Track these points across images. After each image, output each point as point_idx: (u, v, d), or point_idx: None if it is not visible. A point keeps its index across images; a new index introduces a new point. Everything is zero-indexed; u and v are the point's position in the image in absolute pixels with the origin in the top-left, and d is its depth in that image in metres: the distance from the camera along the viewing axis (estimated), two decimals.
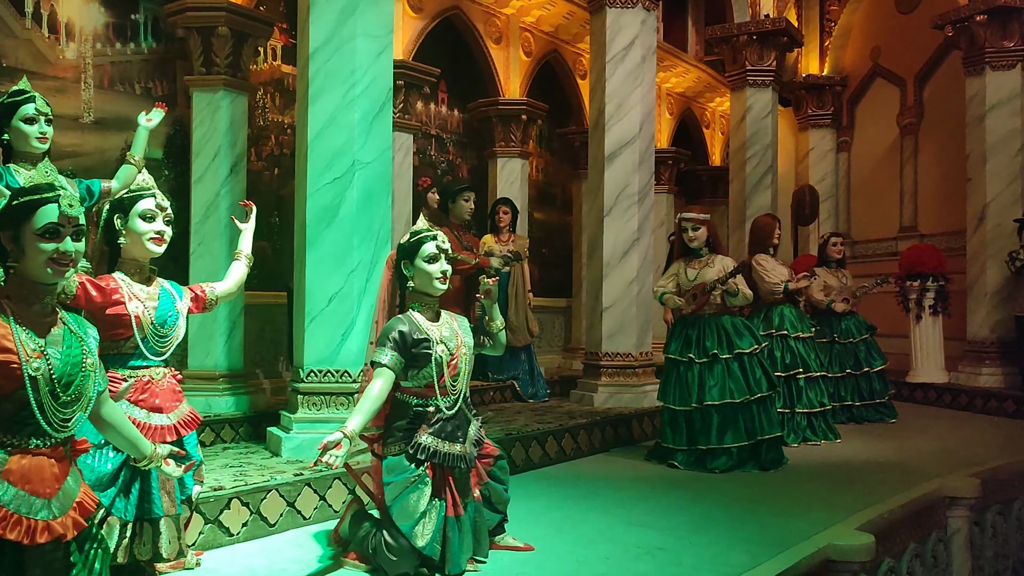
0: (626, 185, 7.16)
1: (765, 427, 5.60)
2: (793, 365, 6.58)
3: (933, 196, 10.73)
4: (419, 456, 3.38)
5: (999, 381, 8.81)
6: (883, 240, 11.39)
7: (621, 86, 7.18)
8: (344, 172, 4.67)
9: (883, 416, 7.78)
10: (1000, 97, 9.00)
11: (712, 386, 5.58)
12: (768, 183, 9.85)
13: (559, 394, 7.83)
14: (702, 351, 5.67)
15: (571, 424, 6.04)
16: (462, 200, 5.95)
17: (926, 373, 9.37)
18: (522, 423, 6.03)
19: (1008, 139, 8.97)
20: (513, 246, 7.62)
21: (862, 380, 7.83)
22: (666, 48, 10.10)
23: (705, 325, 5.76)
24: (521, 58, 8.49)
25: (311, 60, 4.72)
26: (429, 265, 3.47)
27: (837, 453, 6.27)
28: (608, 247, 7.17)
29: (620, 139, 7.17)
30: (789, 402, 6.55)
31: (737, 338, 5.69)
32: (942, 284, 9.23)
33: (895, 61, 11.35)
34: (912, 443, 6.80)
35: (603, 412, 6.68)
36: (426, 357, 3.41)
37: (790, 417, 6.55)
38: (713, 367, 5.63)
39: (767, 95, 9.87)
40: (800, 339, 6.68)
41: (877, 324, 11.36)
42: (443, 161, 8.05)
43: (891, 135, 11.39)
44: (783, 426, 6.52)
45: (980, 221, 9.10)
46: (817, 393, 6.65)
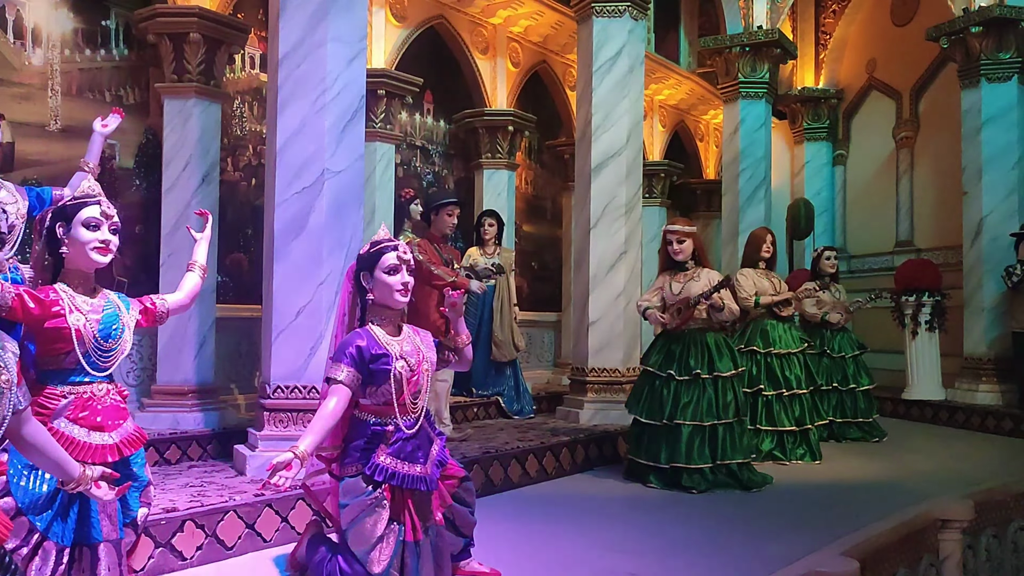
0: (613, 197, 7.02)
1: (728, 452, 5.44)
2: (757, 380, 6.43)
3: (930, 210, 10.58)
4: (376, 477, 3.21)
5: (997, 398, 8.63)
6: (879, 255, 11.24)
7: (608, 96, 7.05)
8: (313, 181, 4.54)
9: (866, 435, 7.60)
10: (996, 109, 8.87)
11: (687, 404, 5.43)
12: (761, 196, 9.71)
13: (546, 410, 7.67)
14: (684, 368, 5.51)
15: (553, 442, 5.87)
16: (445, 214, 5.81)
17: (922, 390, 9.20)
18: (503, 441, 5.86)
19: (1004, 152, 8.83)
20: (499, 259, 7.49)
21: (847, 397, 7.67)
22: (658, 60, 9.98)
23: (689, 341, 5.60)
24: (509, 69, 8.37)
25: (280, 66, 4.59)
26: (389, 277, 3.31)
27: (825, 473, 6.09)
28: (594, 261, 7.02)
29: (607, 150, 7.04)
30: (753, 418, 6.39)
31: (718, 358, 5.54)
32: (938, 299, 9.08)
33: (891, 74, 11.23)
34: (904, 463, 6.63)
35: (588, 429, 6.51)
36: (384, 374, 3.24)
37: (753, 434, 6.39)
38: (691, 386, 5.48)
39: (760, 107, 9.75)
40: (777, 354, 6.52)
41: (873, 340, 11.21)
42: (428, 172, 7.92)
43: (887, 148, 11.26)
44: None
45: (976, 235, 8.94)
46: (794, 411, 6.46)
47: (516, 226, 9.04)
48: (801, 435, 6.48)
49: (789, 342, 6.60)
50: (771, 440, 6.43)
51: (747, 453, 5.58)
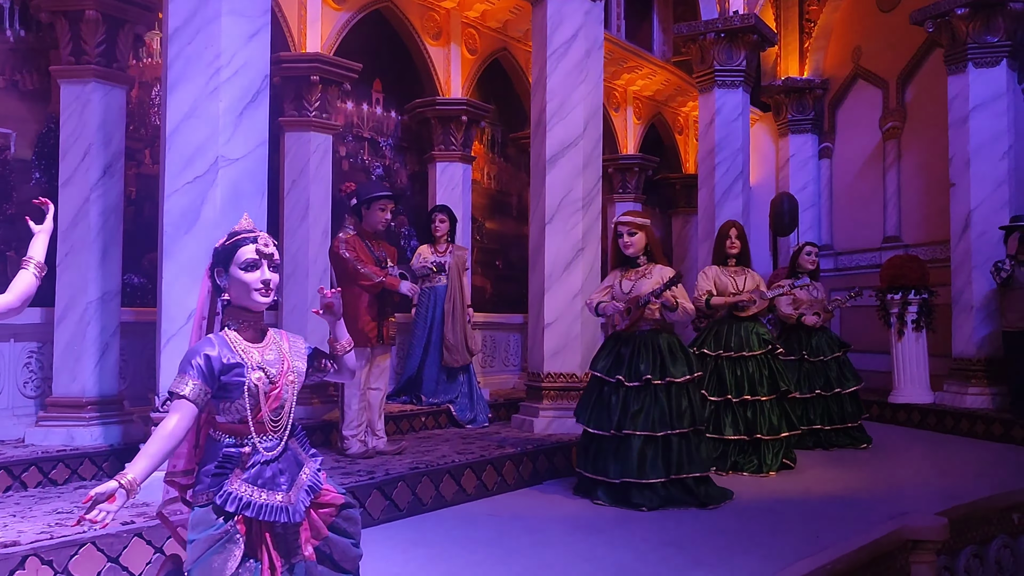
0: (569, 190, 6.55)
1: (685, 464, 4.97)
2: (721, 388, 5.95)
3: (917, 204, 10.09)
4: (228, 508, 2.74)
5: (987, 402, 8.13)
6: (867, 251, 10.75)
7: (563, 82, 6.58)
8: (206, 170, 4.08)
9: (854, 441, 7.12)
10: (984, 96, 8.38)
11: (637, 412, 4.96)
12: (739, 190, 9.23)
13: (505, 419, 7.19)
14: (633, 373, 5.05)
15: (496, 455, 5.40)
16: (377, 209, 5.35)
17: (909, 393, 8.72)
18: (441, 454, 5.40)
19: (993, 140, 8.33)
20: (450, 257, 7.03)
21: (832, 402, 7.17)
22: (629, 48, 9.51)
23: (640, 344, 5.13)
24: (464, 56, 7.89)
25: (170, 42, 4.14)
26: (246, 274, 2.83)
27: (794, 486, 5.61)
28: (550, 258, 6.56)
29: (563, 140, 6.57)
30: (718, 427, 5.91)
31: (671, 362, 5.07)
32: (925, 297, 8.60)
33: (877, 62, 10.74)
34: (884, 472, 6.15)
35: (542, 439, 6.05)
36: (237, 386, 2.78)
37: (719, 443, 5.92)
38: (641, 392, 5.00)
39: (737, 96, 9.27)
40: (739, 358, 6.03)
41: (859, 340, 10.74)
42: (378, 166, 7.45)
43: (874, 140, 10.77)
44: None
45: (964, 229, 8.45)
46: (762, 418, 5.98)
47: (478, 223, 8.57)
48: (773, 444, 6.00)
49: (753, 344, 6.12)
50: (738, 450, 5.94)
51: (706, 466, 5.11)
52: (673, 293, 5.09)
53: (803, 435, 7.07)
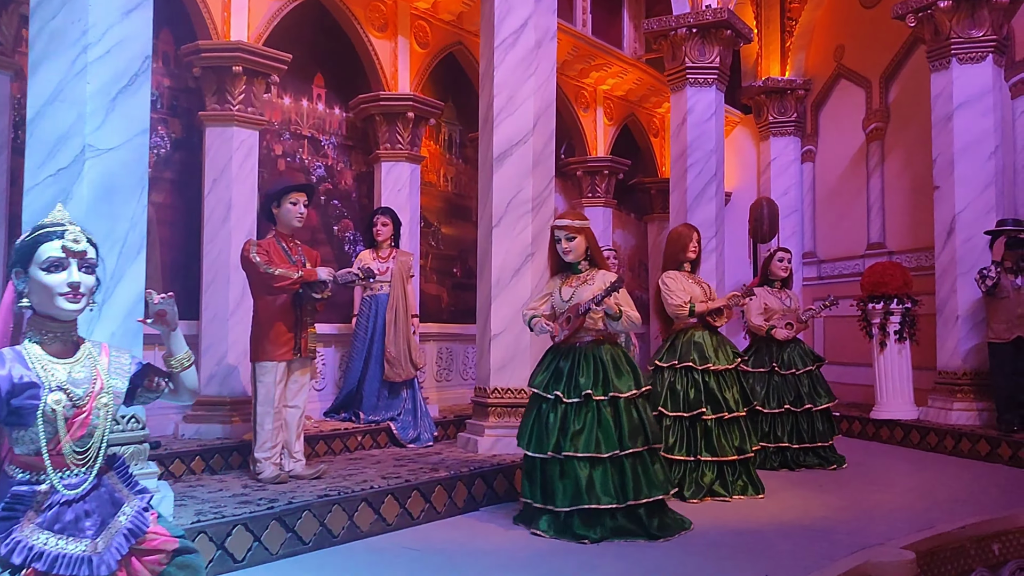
0: (518, 191, 6.07)
1: (643, 488, 4.47)
2: (696, 403, 5.45)
3: (902, 208, 9.61)
4: (13, 560, 2.25)
5: (973, 418, 7.64)
6: (851, 258, 10.27)
7: (512, 75, 6.12)
8: (71, 161, 3.60)
9: (824, 462, 6.62)
10: (969, 94, 7.91)
11: (577, 432, 4.47)
12: (712, 193, 8.76)
13: (455, 437, 6.68)
14: (573, 388, 4.56)
15: (424, 479, 4.90)
16: (288, 204, 4.87)
17: (892, 408, 8.22)
18: (363, 478, 4.90)
19: (979, 140, 7.86)
20: (395, 263, 6.55)
21: (803, 419, 6.68)
22: (597, 45, 9.05)
23: (581, 356, 4.65)
24: (414, 49, 7.42)
25: (33, 15, 3.67)
26: (48, 275, 2.35)
27: (759, 512, 5.12)
28: (497, 264, 6.07)
29: (511, 137, 6.10)
30: (691, 448, 5.42)
31: (616, 376, 4.58)
32: (908, 307, 8.11)
33: (860, 60, 10.28)
34: (858, 497, 5.66)
35: (484, 461, 5.56)
36: (31, 410, 2.30)
37: (693, 467, 5.42)
38: (582, 409, 4.51)
39: (710, 95, 8.82)
40: (714, 371, 5.54)
41: (843, 352, 10.25)
42: (320, 166, 6.97)
43: (857, 142, 10.30)
44: (685, 478, 5.41)
45: (949, 234, 7.97)
46: (734, 438, 5.50)
47: (433, 227, 8.10)
48: (742, 465, 5.51)
49: (723, 357, 5.63)
50: (712, 473, 5.44)
51: (665, 488, 4.60)
52: (617, 300, 4.62)
53: (769, 454, 6.60)
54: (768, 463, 6.56)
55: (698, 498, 5.33)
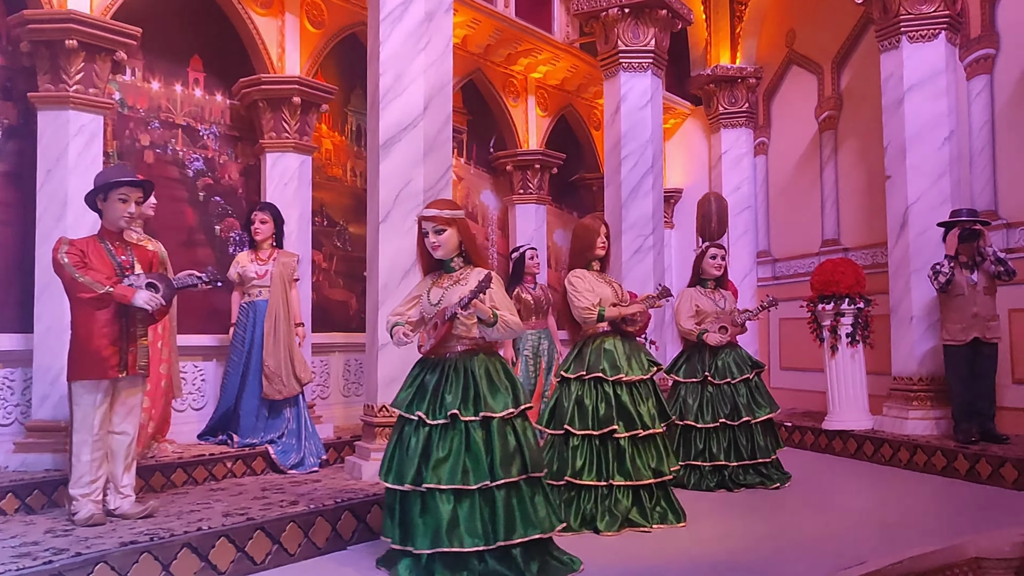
0: (407, 182, 5.37)
1: (518, 526, 3.76)
2: (607, 419, 4.75)
3: (856, 202, 8.97)
4: None
5: (930, 427, 6.99)
6: (805, 256, 9.61)
7: (400, 52, 5.41)
8: None
9: (765, 480, 5.94)
10: (921, 74, 7.28)
11: (441, 460, 3.75)
12: (649, 187, 8.09)
13: None
14: (438, 408, 3.85)
15: (274, 516, 4.16)
16: (117, 200, 4.14)
17: (845, 417, 7.58)
18: (203, 516, 4.16)
19: (932, 125, 7.23)
20: (275, 266, 5.83)
21: (741, 433, 5.99)
22: (521, 26, 8.35)
23: (450, 370, 3.94)
24: (307, 29, 6.69)
25: None
26: None
27: (674, 545, 4.44)
28: (385, 264, 5.37)
29: (399, 121, 5.39)
30: (603, 471, 4.73)
31: (489, 393, 3.87)
32: (860, 307, 7.46)
33: (811, 45, 9.65)
34: (792, 522, 4.99)
35: (359, 490, 4.85)
36: None
37: (606, 493, 4.72)
38: (448, 433, 3.80)
39: (645, 80, 8.16)
40: (627, 383, 4.84)
41: (798, 357, 9.60)
42: (198, 158, 6.22)
43: (810, 132, 9.66)
44: (597, 506, 4.72)
45: (902, 228, 7.33)
46: (650, 458, 4.80)
47: (339, 226, 7.37)
48: (660, 489, 4.82)
49: (637, 366, 4.93)
50: (628, 499, 4.74)
51: (545, 525, 3.88)
52: (493, 304, 3.92)
53: (704, 474, 5.92)
54: (704, 483, 5.88)
55: (614, 529, 4.63)
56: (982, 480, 6.01)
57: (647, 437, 4.84)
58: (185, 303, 5.92)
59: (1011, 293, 6.97)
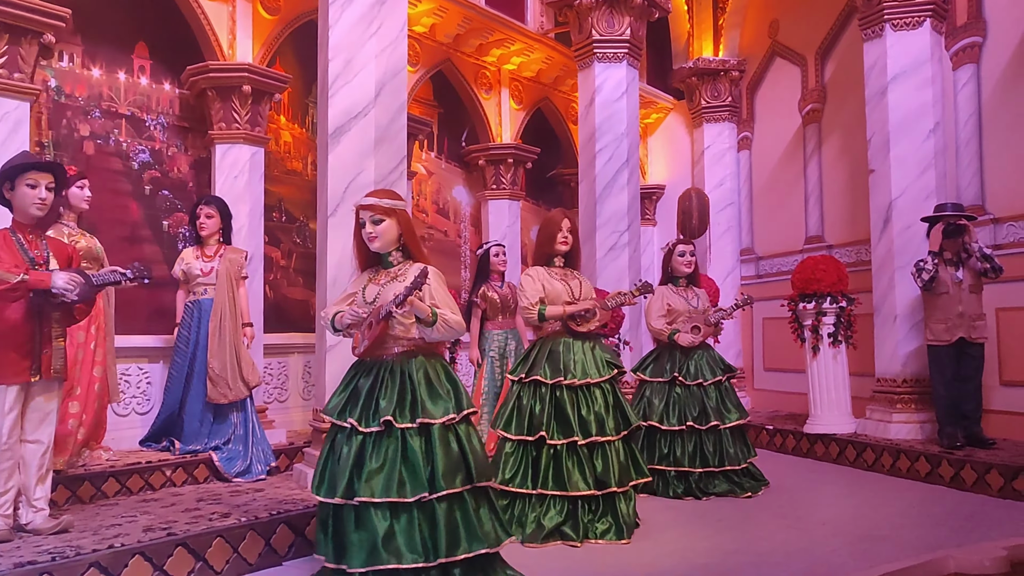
0: (357, 173, 5.07)
1: (462, 541, 3.47)
2: (540, 425, 4.48)
3: (840, 197, 8.68)
4: None
5: (914, 431, 6.70)
6: (789, 254, 9.32)
7: (349, 36, 5.11)
8: None
9: (735, 488, 5.65)
10: (905, 64, 7.00)
11: (375, 470, 3.45)
12: (624, 181, 7.80)
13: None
14: (373, 414, 3.55)
15: (199, 530, 3.87)
16: (25, 185, 3.85)
17: (828, 420, 7.28)
18: (123, 531, 3.86)
19: (917, 117, 6.95)
20: (221, 263, 5.53)
21: (708, 439, 5.70)
22: (493, 16, 8.06)
23: (385, 373, 3.64)
24: (260, 15, 6.38)
25: None
26: None
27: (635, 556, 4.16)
28: (334, 260, 5.07)
29: (348, 109, 5.09)
30: (535, 479, 4.45)
31: (429, 397, 3.57)
32: (843, 305, 7.17)
33: (795, 36, 9.36)
34: (760, 534, 4.69)
35: (309, 500, 4.55)
36: None
37: (537, 502, 4.45)
38: (382, 441, 3.51)
39: (621, 71, 7.87)
40: (570, 386, 4.56)
41: (782, 358, 9.30)
42: (143, 150, 5.92)
43: (794, 126, 9.37)
44: (526, 515, 4.45)
45: (885, 224, 7.04)
46: (594, 467, 4.50)
47: (298, 222, 7.06)
48: (606, 502, 4.51)
49: (593, 368, 4.64)
50: (559, 511, 4.45)
51: (492, 539, 3.59)
52: (433, 301, 3.63)
53: (670, 480, 5.63)
54: (670, 490, 5.59)
55: (537, 542, 4.35)
56: (967, 487, 5.73)
57: (593, 445, 4.54)
58: (130, 302, 5.63)
59: (999, 291, 6.69)
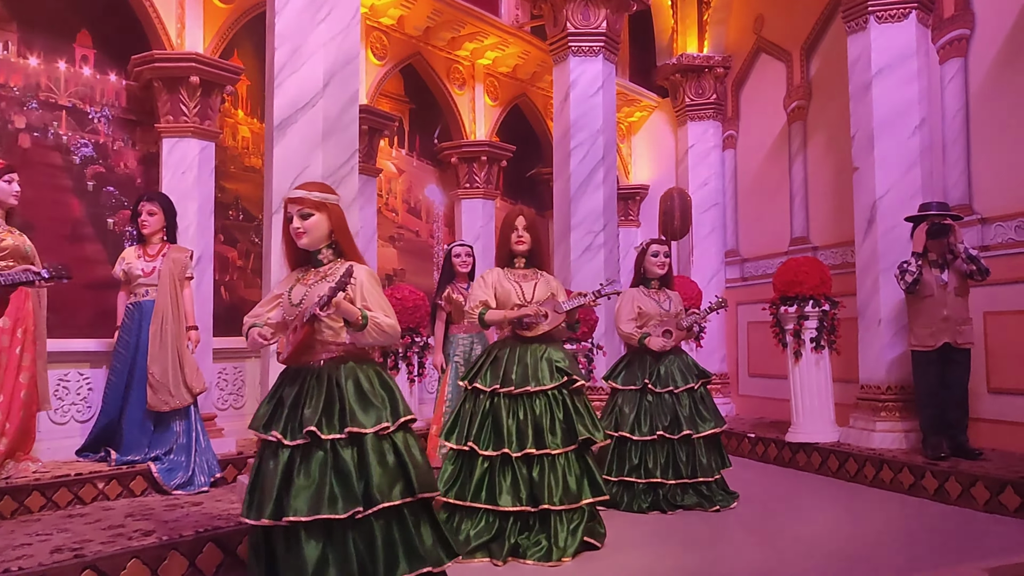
0: (303, 168, 4.76)
1: (400, 560, 3.18)
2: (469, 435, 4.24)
3: (825, 197, 8.39)
4: None
5: (899, 440, 6.41)
6: (774, 256, 9.03)
7: (297, 22, 4.81)
8: None
9: (704, 501, 5.35)
10: (890, 57, 6.71)
11: (302, 487, 3.16)
12: (600, 180, 7.52)
13: None
14: (298, 425, 3.26)
15: (111, 552, 3.57)
16: None
17: (810, 429, 6.99)
18: (24, 553, 3.56)
19: (902, 112, 6.66)
20: (164, 263, 5.24)
21: (682, 448, 5.40)
22: (465, 9, 7.76)
23: (312, 381, 3.35)
24: (212, 4, 6.01)
25: None
26: None
27: None
28: (278, 260, 4.72)
29: (296, 99, 4.78)
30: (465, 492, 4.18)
31: (359, 406, 3.28)
32: (826, 309, 6.88)
33: (780, 31, 9.08)
34: (727, 552, 4.40)
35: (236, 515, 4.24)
36: None
37: (467, 514, 4.19)
38: (311, 454, 3.22)
39: (596, 66, 7.59)
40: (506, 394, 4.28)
41: (765, 363, 9.01)
42: (86, 143, 5.63)
43: (780, 124, 9.08)
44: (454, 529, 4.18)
45: (870, 224, 6.75)
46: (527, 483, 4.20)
47: (257, 221, 6.77)
48: (541, 520, 4.21)
49: (536, 375, 4.34)
50: (487, 526, 4.16)
51: (433, 557, 3.30)
52: (365, 303, 3.34)
53: (638, 493, 5.33)
54: (636, 504, 5.29)
55: (500, 559, 4.07)
56: (951, 500, 5.44)
57: (528, 458, 4.23)
58: (70, 304, 5.34)
59: (987, 294, 6.41)
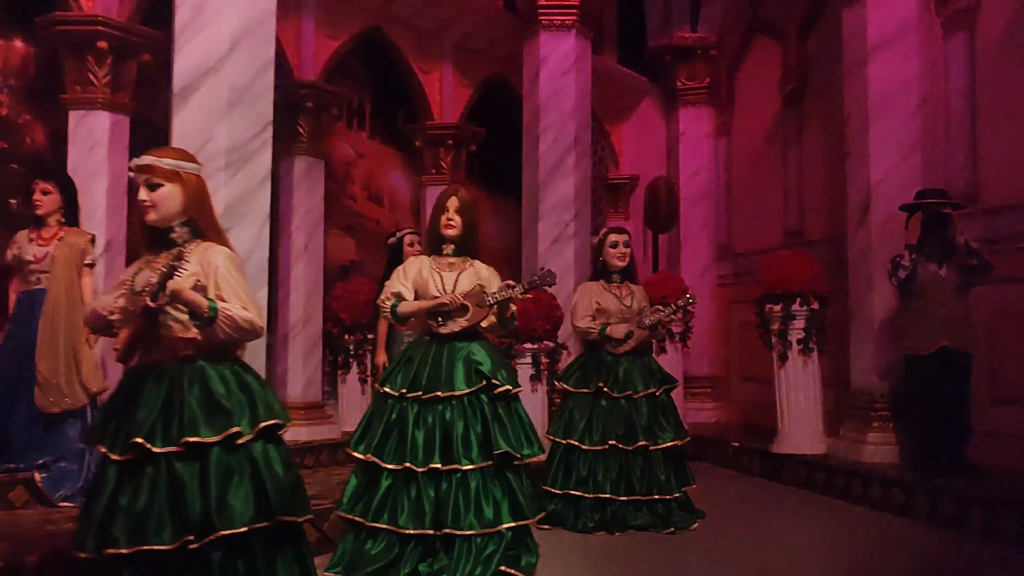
0: (206, 140, 4.23)
1: None
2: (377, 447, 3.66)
3: (820, 187, 7.75)
4: None
5: (891, 453, 5.79)
6: (767, 251, 8.36)
7: None
8: None
9: (658, 521, 4.74)
10: (887, 31, 6.08)
11: (124, 511, 2.64)
12: (571, 166, 6.95)
13: None
14: (126, 436, 2.70)
15: None
16: None
17: (796, 439, 6.41)
18: None
19: (901, 91, 6.03)
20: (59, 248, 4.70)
21: (636, 461, 4.80)
22: None
23: (153, 383, 2.79)
24: None
25: None
26: None
27: None
28: None
29: (199, 64, 4.26)
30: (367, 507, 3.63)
31: (203, 412, 2.72)
32: (815, 308, 6.27)
33: (775, 8, 8.45)
34: None
35: None
36: None
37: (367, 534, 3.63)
38: (140, 471, 2.68)
39: (569, 42, 7.02)
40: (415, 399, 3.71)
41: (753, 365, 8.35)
42: None
43: (775, 109, 8.45)
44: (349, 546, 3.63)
45: (864, 214, 6.13)
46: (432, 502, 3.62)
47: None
48: (446, 545, 3.61)
49: (450, 379, 3.76)
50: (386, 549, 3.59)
51: None
52: (218, 291, 2.79)
53: (584, 510, 4.73)
54: (581, 523, 4.69)
55: None
56: (944, 523, 4.81)
57: (434, 473, 3.63)
58: None
59: (994, 294, 5.75)
